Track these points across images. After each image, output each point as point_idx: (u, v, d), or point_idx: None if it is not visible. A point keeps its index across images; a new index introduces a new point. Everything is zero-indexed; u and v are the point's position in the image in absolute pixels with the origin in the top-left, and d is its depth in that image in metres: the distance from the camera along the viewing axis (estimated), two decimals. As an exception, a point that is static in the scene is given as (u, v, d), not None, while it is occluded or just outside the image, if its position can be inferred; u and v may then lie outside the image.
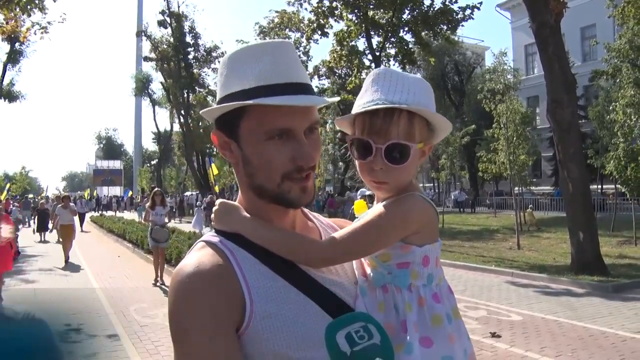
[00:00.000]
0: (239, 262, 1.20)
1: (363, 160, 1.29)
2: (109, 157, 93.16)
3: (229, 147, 1.29)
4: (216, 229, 1.31)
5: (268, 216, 1.28)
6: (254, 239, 1.24)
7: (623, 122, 17.24)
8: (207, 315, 1.12)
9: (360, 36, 24.56)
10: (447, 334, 1.23)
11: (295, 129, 1.22)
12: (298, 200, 1.26)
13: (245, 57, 1.25)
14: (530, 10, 12.99)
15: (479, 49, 51.62)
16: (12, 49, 33.73)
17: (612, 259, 13.90)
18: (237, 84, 1.23)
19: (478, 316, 8.93)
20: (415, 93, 1.27)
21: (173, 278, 1.19)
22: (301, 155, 1.22)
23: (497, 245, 18.85)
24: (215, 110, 1.27)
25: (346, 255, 1.27)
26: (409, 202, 1.27)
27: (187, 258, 1.23)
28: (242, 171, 1.29)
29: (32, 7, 15.42)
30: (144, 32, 48.02)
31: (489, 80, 21.12)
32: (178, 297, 1.16)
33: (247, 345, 1.15)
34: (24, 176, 73.17)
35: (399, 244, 1.26)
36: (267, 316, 1.15)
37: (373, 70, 1.36)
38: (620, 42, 18.70)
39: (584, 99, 35.49)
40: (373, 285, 1.28)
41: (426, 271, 1.28)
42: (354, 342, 1.10)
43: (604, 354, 6.85)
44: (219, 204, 1.33)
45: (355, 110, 1.30)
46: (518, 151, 20.29)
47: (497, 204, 34.14)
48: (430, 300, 1.25)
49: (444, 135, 1.39)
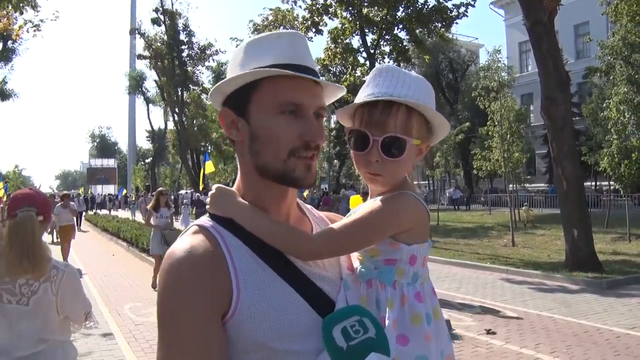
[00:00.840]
0: (229, 249, 1.21)
1: (360, 152, 1.31)
2: (103, 156, 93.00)
3: (236, 126, 1.30)
4: (210, 213, 1.31)
5: (264, 204, 1.29)
6: (246, 226, 1.24)
7: (617, 119, 17.30)
8: (195, 300, 1.13)
9: (355, 34, 24.55)
10: (424, 333, 1.24)
11: (306, 106, 1.25)
12: (302, 179, 1.26)
13: (262, 41, 1.29)
14: (524, 7, 13.01)
15: (473, 47, 51.70)
16: (4, 47, 33.61)
17: (606, 255, 13.96)
18: (253, 63, 1.26)
19: (473, 313, 8.95)
20: (415, 90, 1.30)
21: (164, 260, 1.20)
22: (310, 132, 1.24)
23: (492, 242, 18.89)
24: (229, 81, 1.27)
25: (336, 249, 1.27)
26: (402, 199, 1.29)
27: (179, 241, 1.23)
28: (247, 150, 1.29)
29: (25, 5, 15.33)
30: (137, 30, 47.92)
31: (483, 77, 21.13)
32: (168, 280, 1.17)
33: (231, 333, 1.16)
34: (17, 175, 72.91)
35: (389, 241, 1.27)
36: (252, 306, 1.16)
37: (377, 66, 1.39)
38: (614, 39, 18.74)
39: (578, 96, 35.59)
40: (358, 279, 1.29)
41: (412, 270, 1.29)
42: (349, 337, 1.10)
43: (598, 350, 6.87)
44: (216, 188, 1.33)
45: (356, 101, 1.33)
46: (512, 148, 20.33)
47: (492, 202, 34.22)
48: (412, 299, 1.26)
49: (443, 136, 1.41)
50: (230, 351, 1.16)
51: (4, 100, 36.56)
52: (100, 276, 13.45)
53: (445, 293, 10.56)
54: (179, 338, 1.12)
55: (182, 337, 1.12)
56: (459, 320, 8.48)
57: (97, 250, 19.88)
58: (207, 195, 1.35)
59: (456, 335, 7.65)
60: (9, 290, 2.82)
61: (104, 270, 14.31)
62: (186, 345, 1.12)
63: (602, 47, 19.43)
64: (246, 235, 1.23)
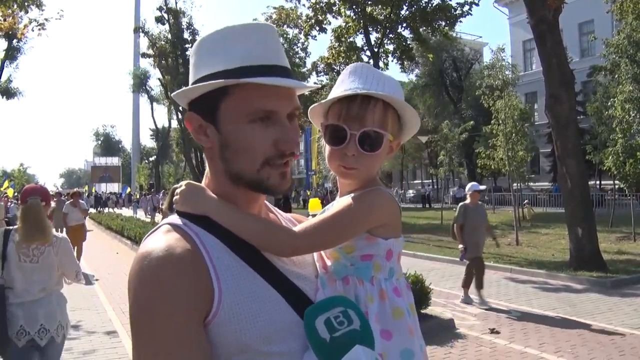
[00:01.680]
0: (207, 247, 1.15)
1: (336, 146, 1.31)
2: (107, 154, 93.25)
3: (204, 132, 1.24)
4: (179, 211, 1.25)
5: (236, 203, 1.24)
6: (221, 221, 1.19)
7: (621, 117, 17.24)
8: (176, 302, 1.07)
9: (359, 32, 24.52)
10: (407, 327, 1.24)
11: (278, 112, 1.20)
12: (277, 187, 1.24)
13: (226, 36, 1.21)
14: (528, 6, 12.96)
15: (477, 45, 51.64)
16: (9, 45, 33.66)
17: (611, 254, 13.91)
18: (219, 63, 1.19)
19: (477, 312, 8.94)
20: (390, 87, 1.31)
21: (138, 262, 1.12)
22: (285, 140, 1.20)
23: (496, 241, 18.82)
24: (196, 89, 1.21)
25: (317, 244, 1.27)
26: (376, 194, 1.29)
27: (152, 241, 1.17)
28: (217, 156, 1.24)
29: (30, 4, 15.39)
30: (141, 29, 47.93)
31: (487, 76, 21.10)
32: (145, 282, 1.10)
33: (213, 336, 1.10)
34: (22, 173, 73.08)
35: (365, 235, 1.27)
36: (234, 306, 1.11)
37: (351, 64, 1.39)
38: (619, 37, 18.66)
39: (582, 94, 35.46)
40: (334, 277, 1.28)
41: (388, 265, 1.29)
42: (333, 328, 1.08)
43: (603, 350, 6.85)
44: (186, 184, 1.28)
45: (330, 97, 1.32)
46: (516, 147, 20.25)
47: (496, 200, 34.15)
48: (391, 294, 1.26)
49: (413, 133, 1.42)
50: (213, 354, 1.10)
51: (9, 99, 36.63)
52: (104, 274, 13.46)
53: (449, 292, 10.55)
54: (160, 342, 1.06)
55: (163, 341, 1.05)
56: (463, 319, 8.47)
57: (101, 248, 19.91)
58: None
59: (460, 335, 7.65)
60: (25, 253, 4.15)
61: (108, 269, 14.33)
62: (167, 349, 1.05)
63: (607, 45, 19.35)
64: (221, 232, 1.18)
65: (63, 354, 4.52)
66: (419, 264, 13.24)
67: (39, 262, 4.17)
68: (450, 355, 6.76)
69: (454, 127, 26.56)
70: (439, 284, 10.93)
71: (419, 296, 7.74)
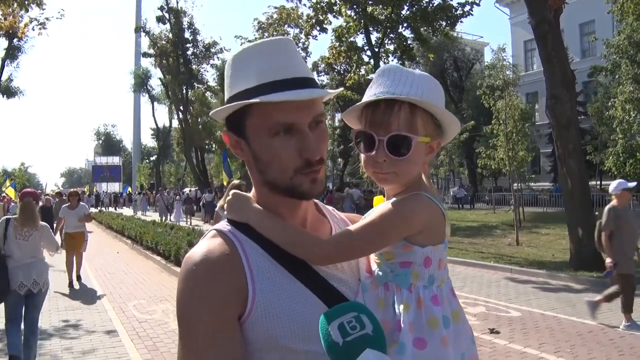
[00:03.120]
0: (246, 252, 1.23)
1: (367, 153, 1.31)
2: (108, 153, 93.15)
3: (239, 146, 1.32)
4: (228, 218, 1.34)
5: (279, 210, 1.31)
6: (260, 230, 1.27)
7: (622, 118, 17.27)
8: (211, 303, 1.16)
9: (359, 32, 24.52)
10: (441, 337, 1.22)
11: (298, 123, 1.23)
12: (309, 192, 1.28)
13: (246, 56, 1.28)
14: (529, 6, 12.97)
15: (478, 45, 51.58)
16: (10, 44, 33.69)
17: (611, 255, 13.88)
18: (242, 83, 1.26)
19: (477, 312, 8.94)
20: (419, 87, 1.28)
21: (183, 264, 1.24)
22: (306, 149, 1.23)
23: (496, 241, 18.86)
24: (221, 111, 1.30)
25: (347, 253, 1.28)
26: (413, 201, 1.27)
27: (198, 245, 1.27)
28: (254, 168, 1.32)
29: (30, 3, 15.39)
30: (142, 28, 47.99)
31: (488, 76, 21.11)
32: (185, 284, 1.20)
33: (247, 333, 1.18)
34: (23, 172, 73.20)
35: (402, 243, 1.26)
36: (268, 306, 1.18)
37: (382, 66, 1.37)
38: (619, 38, 18.70)
39: (583, 95, 35.45)
40: (376, 282, 1.29)
41: (427, 272, 1.28)
42: (346, 333, 1.10)
43: (602, 349, 6.85)
44: (232, 194, 1.36)
45: (359, 103, 1.32)
46: (517, 147, 20.27)
47: (496, 200, 34.13)
48: (428, 302, 1.25)
49: (454, 133, 1.39)
50: (247, 351, 1.19)
51: (10, 98, 36.65)
52: (104, 273, 13.48)
53: (449, 292, 10.55)
54: (196, 341, 1.16)
55: (199, 340, 1.15)
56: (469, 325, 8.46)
57: (102, 247, 19.91)
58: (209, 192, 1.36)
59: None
60: (20, 233, 6.36)
61: (108, 268, 14.35)
62: (203, 348, 1.15)
63: (608, 45, 19.38)
64: (263, 239, 1.26)
65: (63, 353, 6.79)
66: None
67: (28, 240, 6.42)
68: (450, 355, 6.75)
69: (454, 127, 26.51)
70: (439, 284, 10.92)
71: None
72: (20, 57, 36.22)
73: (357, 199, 29.29)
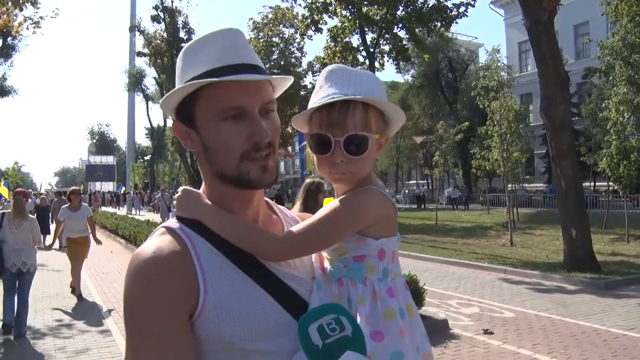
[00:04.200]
0: (196, 250, 1.20)
1: (323, 155, 1.30)
2: (102, 153, 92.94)
3: (189, 137, 1.29)
4: (177, 215, 1.30)
5: (231, 205, 1.28)
6: (212, 226, 1.23)
7: (616, 119, 17.30)
8: (161, 302, 1.12)
9: (355, 32, 24.53)
10: (399, 328, 1.23)
11: (247, 107, 1.22)
12: (258, 180, 1.25)
13: (195, 47, 1.27)
14: (523, 7, 12.99)
15: (473, 46, 51.70)
16: (4, 43, 33.56)
17: (605, 256, 13.95)
18: (191, 72, 1.24)
19: (471, 313, 8.95)
20: (367, 85, 1.30)
21: (130, 263, 1.18)
22: (256, 132, 1.21)
23: (490, 242, 18.90)
24: (169, 99, 1.27)
25: (301, 249, 1.27)
26: (364, 195, 1.28)
27: (146, 243, 1.22)
28: (204, 159, 1.29)
29: (25, 2, 15.32)
30: (137, 27, 47.81)
31: (482, 77, 21.12)
32: (134, 285, 1.16)
33: (199, 333, 1.15)
34: (17, 171, 72.83)
35: (355, 236, 1.26)
36: (220, 305, 1.15)
37: (325, 68, 1.37)
38: (613, 39, 18.73)
39: (577, 96, 35.61)
40: (329, 278, 1.29)
41: (382, 265, 1.28)
42: (325, 335, 1.09)
43: (596, 350, 6.87)
44: (182, 190, 1.32)
45: (310, 107, 1.32)
46: (511, 148, 20.33)
47: (491, 201, 34.21)
48: (384, 294, 1.25)
49: (399, 126, 1.41)
50: (199, 351, 1.15)
51: (4, 97, 36.52)
52: (98, 273, 13.45)
53: (443, 292, 10.57)
54: (147, 341, 1.12)
55: (149, 339, 1.11)
56: (456, 319, 8.48)
57: (95, 247, 19.79)
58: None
59: (453, 335, 7.66)
60: (13, 223, 7.90)
61: (102, 267, 14.31)
62: (155, 348, 1.11)
63: (602, 47, 19.42)
64: (214, 236, 1.23)
65: (57, 352, 7.09)
66: (413, 264, 13.25)
67: (19, 229, 7.98)
68: (444, 356, 6.77)
69: (449, 127, 26.58)
70: (433, 285, 10.94)
71: (413, 296, 7.73)
72: (14, 56, 36.12)
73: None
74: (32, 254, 8.05)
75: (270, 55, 38.04)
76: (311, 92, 1.36)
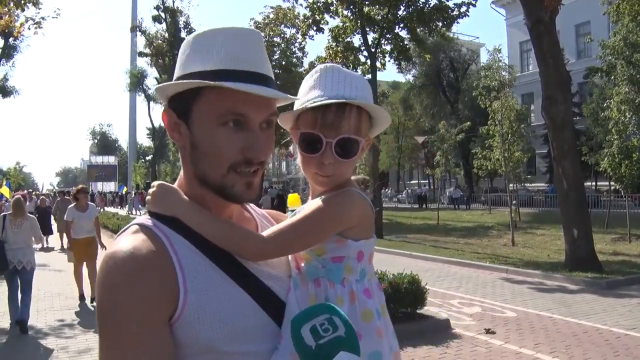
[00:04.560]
0: (175, 248, 1.15)
1: (312, 154, 1.29)
2: (104, 153, 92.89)
3: (178, 129, 1.24)
4: (151, 211, 1.24)
5: (207, 205, 1.24)
6: (191, 224, 1.19)
7: (617, 119, 17.29)
8: (140, 304, 1.07)
9: (356, 32, 24.47)
10: (377, 329, 1.24)
11: (250, 117, 1.18)
12: (241, 196, 1.22)
13: (210, 37, 1.20)
14: (525, 7, 12.99)
15: (474, 46, 51.64)
16: (6, 44, 33.61)
17: (606, 255, 13.95)
18: (199, 63, 1.18)
19: (472, 312, 8.95)
20: (362, 90, 1.31)
21: (104, 263, 1.12)
22: (252, 147, 1.18)
23: (492, 241, 18.89)
24: (172, 86, 1.21)
25: (285, 248, 1.26)
26: (346, 196, 1.28)
27: (119, 242, 1.15)
28: (188, 156, 1.24)
29: (26, 2, 15.31)
30: (138, 28, 47.84)
31: (484, 77, 21.12)
32: (110, 284, 1.09)
33: (178, 335, 1.11)
34: (18, 171, 72.94)
35: (335, 238, 1.26)
36: (200, 306, 1.11)
37: (317, 66, 1.36)
38: (615, 39, 18.71)
39: (579, 96, 35.56)
40: (306, 278, 1.28)
41: (360, 266, 1.29)
42: (318, 336, 1.08)
43: (597, 350, 6.87)
44: (157, 185, 1.27)
45: (302, 105, 1.30)
46: (513, 148, 20.32)
47: (492, 201, 34.19)
48: (361, 295, 1.26)
49: (383, 129, 1.42)
50: (178, 354, 1.11)
51: (5, 97, 36.59)
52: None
53: (445, 292, 10.57)
54: (123, 343, 1.07)
55: (127, 342, 1.06)
56: (458, 319, 8.48)
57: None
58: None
59: (455, 335, 7.66)
60: (14, 223, 8.43)
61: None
62: (132, 350, 1.06)
63: (604, 47, 19.40)
64: (192, 234, 1.18)
65: (59, 352, 7.13)
66: (414, 264, 13.25)
67: (20, 229, 8.48)
68: (446, 356, 6.77)
69: (450, 127, 26.57)
70: (435, 284, 10.94)
71: (415, 296, 7.75)
72: (15, 56, 36.19)
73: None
74: (29, 253, 8.54)
75: (272, 55, 37.99)
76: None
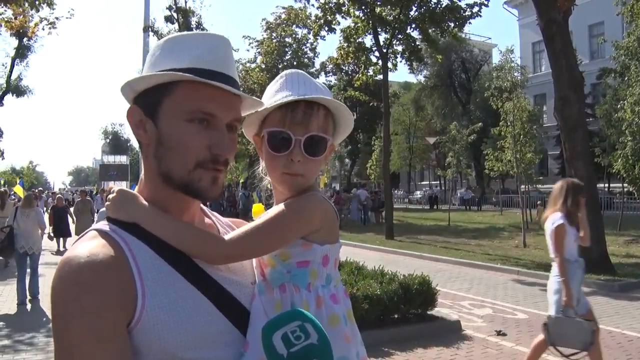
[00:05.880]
0: (133, 253, 1.13)
1: (280, 153, 1.29)
2: (116, 152, 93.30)
3: (143, 127, 1.23)
4: (110, 217, 1.22)
5: (168, 208, 1.23)
6: (151, 229, 1.18)
7: (631, 120, 17.16)
8: (94, 312, 1.04)
9: (368, 33, 24.46)
10: (344, 334, 1.23)
11: (218, 117, 1.20)
12: (206, 191, 1.22)
13: (182, 40, 1.24)
14: (537, 7, 12.92)
15: (486, 47, 51.50)
16: (20, 44, 33.81)
17: (619, 258, 13.85)
18: (171, 62, 1.20)
19: (483, 314, 8.92)
20: (326, 94, 1.32)
21: (60, 268, 1.09)
22: (219, 145, 1.20)
23: (503, 243, 18.81)
24: (141, 79, 1.21)
25: (247, 252, 1.26)
26: (310, 200, 1.28)
27: (76, 247, 1.13)
28: (152, 153, 1.23)
29: (41, 3, 15.44)
30: (150, 28, 47.85)
31: (496, 77, 21.02)
32: (65, 292, 1.07)
33: (137, 342, 1.09)
34: (32, 170, 73.54)
35: (300, 242, 1.26)
36: (159, 312, 1.09)
37: (283, 72, 1.38)
38: (629, 39, 18.58)
39: (592, 97, 35.35)
40: (271, 284, 1.27)
41: (325, 271, 1.28)
42: (290, 343, 1.06)
43: (610, 353, 6.82)
44: (117, 191, 1.25)
45: (269, 105, 1.30)
46: (525, 149, 20.19)
47: (504, 202, 34.05)
48: (328, 301, 1.25)
49: (345, 135, 1.43)
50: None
51: (19, 97, 36.77)
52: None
53: (455, 293, 10.54)
54: (78, 349, 1.03)
55: (82, 348, 1.03)
56: (469, 320, 8.45)
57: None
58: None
59: (466, 336, 7.63)
60: (23, 213, 10.22)
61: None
62: (86, 356, 1.03)
63: (617, 47, 19.27)
64: (151, 239, 1.17)
65: None
66: (425, 265, 13.22)
67: (29, 217, 10.09)
68: (457, 357, 6.75)
69: (462, 128, 26.51)
70: (446, 286, 10.90)
71: (426, 297, 7.73)
72: (29, 56, 36.35)
73: (365, 199, 29.14)
74: (36, 239, 10.26)
75: (283, 55, 38.09)
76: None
